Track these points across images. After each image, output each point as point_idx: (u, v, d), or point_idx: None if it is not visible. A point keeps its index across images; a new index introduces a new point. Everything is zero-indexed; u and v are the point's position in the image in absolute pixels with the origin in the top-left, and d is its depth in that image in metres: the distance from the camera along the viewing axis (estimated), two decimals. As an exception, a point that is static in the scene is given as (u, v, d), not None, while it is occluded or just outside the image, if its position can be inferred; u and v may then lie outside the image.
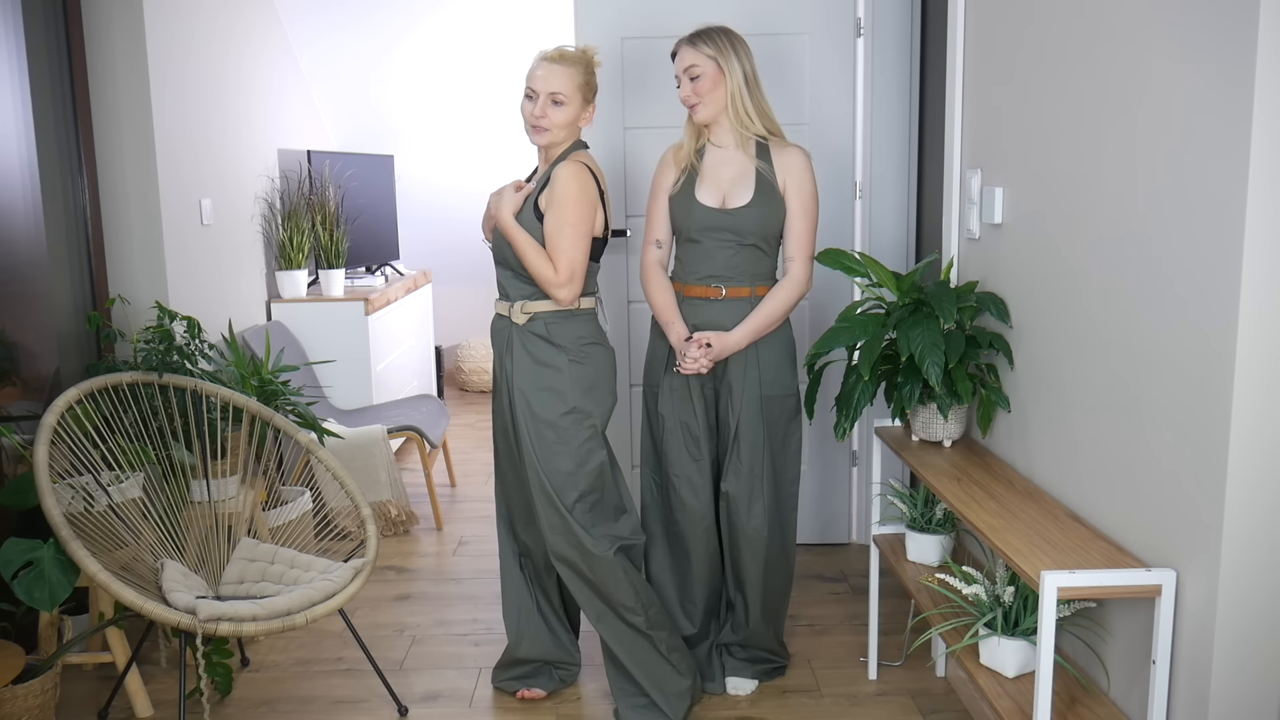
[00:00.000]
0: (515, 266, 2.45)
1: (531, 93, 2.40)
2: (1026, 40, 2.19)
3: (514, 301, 2.47)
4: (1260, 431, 1.52)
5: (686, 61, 2.49)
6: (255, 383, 3.11)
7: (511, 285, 2.48)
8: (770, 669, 2.78)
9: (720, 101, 2.50)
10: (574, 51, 2.43)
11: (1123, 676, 1.87)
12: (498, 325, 2.54)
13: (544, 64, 2.41)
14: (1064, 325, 2.06)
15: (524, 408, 2.45)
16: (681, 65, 2.50)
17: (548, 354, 2.45)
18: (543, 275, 2.39)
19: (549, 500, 2.44)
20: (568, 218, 2.37)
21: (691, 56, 2.49)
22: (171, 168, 3.47)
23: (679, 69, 2.51)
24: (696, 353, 2.47)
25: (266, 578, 2.67)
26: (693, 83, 2.49)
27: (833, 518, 3.71)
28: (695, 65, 2.48)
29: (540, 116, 2.40)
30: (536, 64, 2.42)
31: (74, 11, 3.18)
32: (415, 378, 5.28)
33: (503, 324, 2.51)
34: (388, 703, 2.71)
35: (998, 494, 2.12)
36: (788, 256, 2.56)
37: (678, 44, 2.53)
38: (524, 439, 2.45)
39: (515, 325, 2.46)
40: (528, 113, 2.42)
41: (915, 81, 3.45)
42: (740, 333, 2.50)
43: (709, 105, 2.50)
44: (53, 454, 2.46)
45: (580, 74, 2.42)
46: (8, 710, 2.30)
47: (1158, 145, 1.69)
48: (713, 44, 2.48)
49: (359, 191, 5.02)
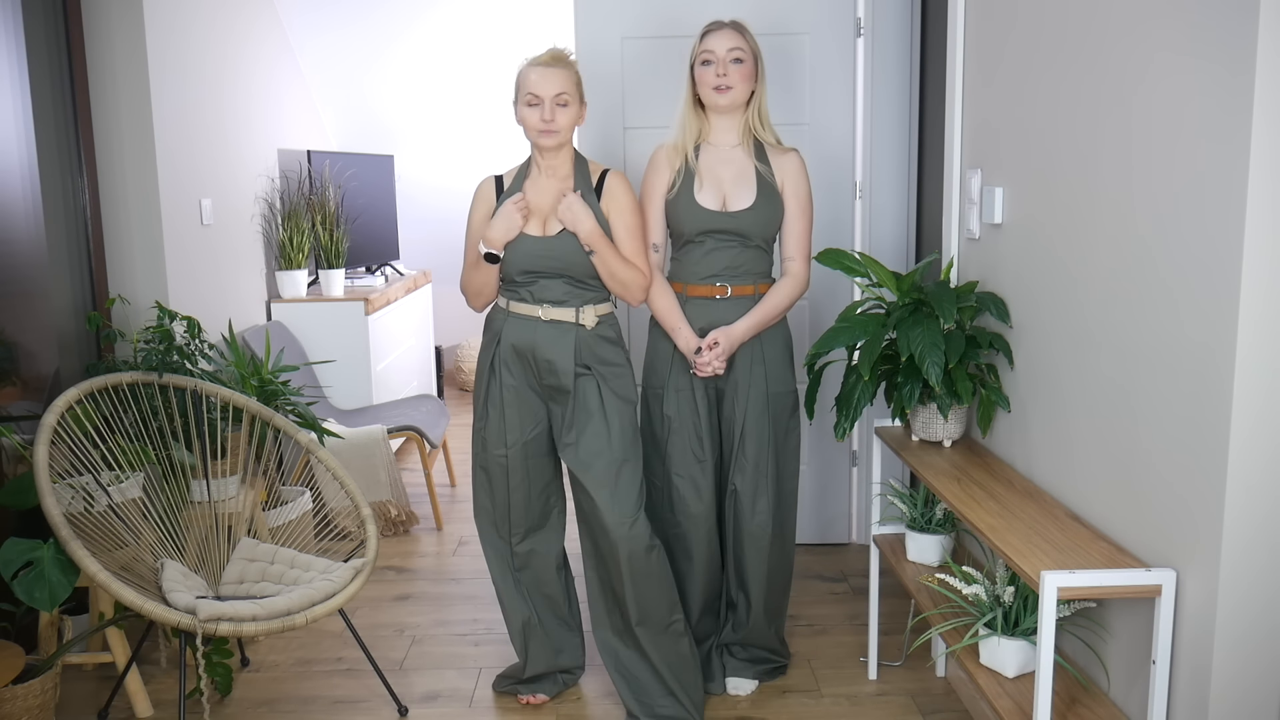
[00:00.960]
0: (580, 274, 2.45)
1: (534, 99, 2.38)
2: (1026, 40, 2.19)
3: (579, 306, 2.47)
4: (1260, 431, 1.52)
5: (730, 43, 2.45)
6: (255, 383, 3.11)
7: (571, 293, 2.46)
8: (771, 668, 2.78)
9: (745, 94, 2.49)
10: (562, 53, 2.45)
11: (1123, 676, 1.87)
12: (551, 335, 2.47)
13: (540, 69, 2.40)
14: (1064, 325, 2.06)
15: (620, 398, 2.51)
16: (724, 46, 2.44)
17: (615, 354, 2.52)
18: (634, 279, 2.47)
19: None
20: (636, 223, 2.49)
21: (736, 39, 2.45)
22: (171, 168, 3.47)
23: (718, 50, 2.44)
24: (709, 355, 2.48)
25: (266, 578, 2.67)
26: (736, 66, 2.45)
27: (833, 518, 3.71)
28: (740, 49, 2.45)
29: (550, 120, 2.39)
30: (531, 70, 2.40)
31: (74, 11, 3.18)
32: (415, 378, 5.28)
33: (558, 329, 2.46)
34: (388, 703, 2.71)
35: (998, 494, 2.12)
36: (787, 256, 2.57)
37: (712, 26, 2.48)
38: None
39: (583, 329, 2.47)
40: (535, 119, 2.39)
41: (915, 81, 3.45)
42: (744, 324, 2.51)
43: (739, 93, 2.47)
44: (53, 454, 2.46)
45: (574, 74, 2.44)
46: (8, 710, 2.30)
47: (1158, 145, 1.69)
48: (751, 36, 2.49)
49: (359, 191, 5.02)
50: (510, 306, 2.50)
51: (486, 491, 2.60)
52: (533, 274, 2.46)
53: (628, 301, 2.51)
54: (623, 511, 2.43)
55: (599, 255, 2.43)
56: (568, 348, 2.46)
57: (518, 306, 2.49)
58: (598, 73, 3.44)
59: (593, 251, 2.43)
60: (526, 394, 2.51)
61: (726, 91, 2.46)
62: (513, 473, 2.54)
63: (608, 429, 2.46)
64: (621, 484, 2.45)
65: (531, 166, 2.52)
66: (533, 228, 2.46)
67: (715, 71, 2.46)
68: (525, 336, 2.48)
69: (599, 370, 2.49)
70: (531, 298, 2.47)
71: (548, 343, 2.46)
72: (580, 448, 2.47)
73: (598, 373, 2.49)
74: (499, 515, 2.60)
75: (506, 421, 2.52)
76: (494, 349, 2.52)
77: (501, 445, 2.53)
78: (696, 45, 2.51)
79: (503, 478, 2.55)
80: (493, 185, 2.53)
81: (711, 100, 2.49)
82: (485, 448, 2.56)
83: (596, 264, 2.44)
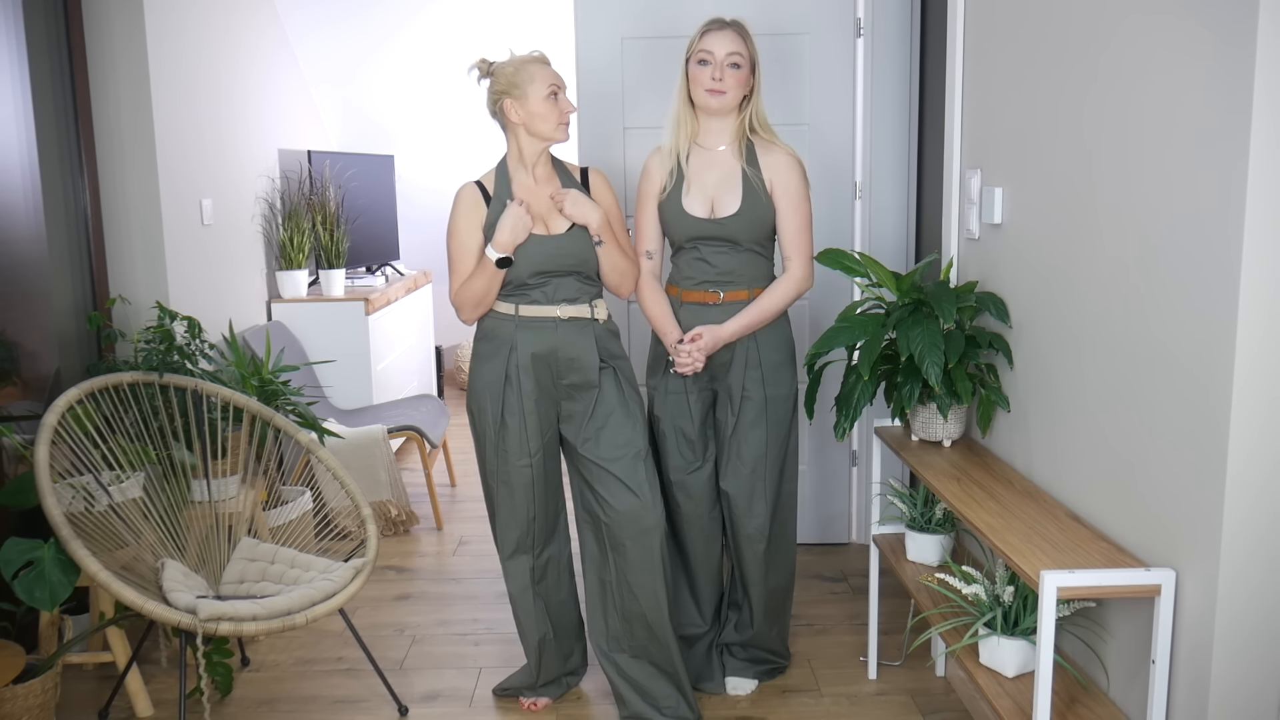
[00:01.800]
0: (589, 270, 2.48)
1: (555, 90, 2.40)
2: (1026, 40, 2.19)
3: (590, 302, 2.49)
4: (1260, 431, 1.52)
5: (730, 47, 2.42)
6: (255, 383, 3.11)
7: (582, 290, 2.48)
8: (770, 669, 2.78)
9: (738, 99, 2.46)
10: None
11: (1122, 676, 1.87)
12: (571, 333, 2.46)
13: (545, 66, 2.42)
14: (1064, 325, 2.06)
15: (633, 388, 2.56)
16: (723, 49, 2.41)
17: (620, 348, 2.57)
18: (632, 270, 2.54)
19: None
20: (621, 216, 2.56)
21: (736, 44, 2.42)
22: (171, 168, 3.47)
23: (716, 52, 2.41)
24: (688, 346, 2.47)
25: (267, 577, 2.67)
26: (733, 71, 2.42)
27: (833, 518, 3.71)
28: (739, 53, 2.42)
29: (568, 111, 2.43)
30: (540, 68, 2.40)
31: (74, 11, 3.18)
32: (415, 378, 5.28)
33: (577, 326, 2.47)
34: (388, 702, 2.71)
35: (998, 494, 2.12)
36: (785, 256, 2.55)
37: (711, 25, 2.44)
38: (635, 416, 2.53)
39: (597, 324, 2.50)
40: (557, 111, 2.40)
41: (915, 81, 3.45)
42: (733, 325, 2.49)
43: (731, 98, 2.45)
44: (53, 454, 2.46)
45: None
46: (8, 710, 2.30)
47: (1157, 145, 1.69)
48: (751, 41, 2.46)
49: (359, 191, 5.02)
50: (520, 311, 2.44)
51: (510, 507, 2.52)
52: (545, 274, 2.44)
53: (620, 293, 2.54)
54: (654, 498, 2.47)
55: (606, 246, 2.46)
56: (589, 343, 2.47)
57: (530, 310, 2.44)
58: (598, 73, 3.44)
59: (601, 243, 2.45)
60: (545, 399, 2.49)
61: (719, 96, 2.44)
62: (537, 481, 2.50)
63: (630, 421, 2.49)
64: (649, 473, 2.49)
65: (513, 170, 2.48)
66: (536, 229, 2.44)
67: (711, 74, 2.42)
68: (544, 340, 2.44)
69: (613, 364, 2.52)
70: (546, 298, 2.44)
71: (569, 342, 2.45)
72: (602, 441, 2.47)
73: (614, 366, 2.51)
74: (524, 529, 2.54)
75: (528, 429, 2.46)
76: (508, 358, 2.45)
77: (525, 454, 2.47)
78: (695, 41, 2.45)
79: (528, 488, 2.50)
80: (477, 191, 2.46)
81: (703, 101, 2.46)
82: (507, 460, 2.48)
83: (602, 255, 2.46)
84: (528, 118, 2.40)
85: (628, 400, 2.51)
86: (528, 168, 2.47)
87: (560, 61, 3.23)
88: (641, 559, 2.46)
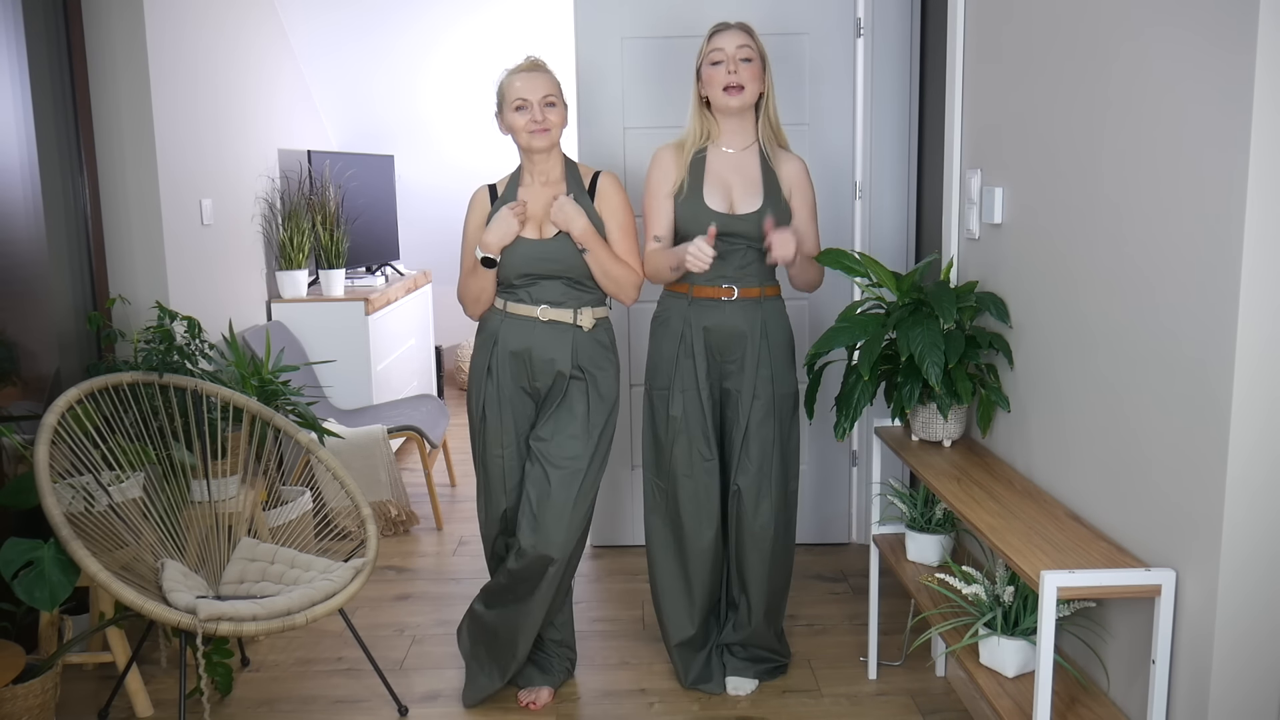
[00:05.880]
0: (578, 275, 2.50)
1: (523, 103, 2.44)
2: (1026, 40, 2.19)
3: (576, 308, 2.51)
4: (1260, 431, 1.52)
5: (738, 41, 2.46)
6: (255, 383, 3.11)
7: (568, 294, 2.51)
8: (771, 668, 2.78)
9: (755, 95, 2.50)
10: (539, 60, 2.52)
11: (1122, 676, 1.87)
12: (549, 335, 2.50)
13: (524, 75, 2.47)
14: (1064, 325, 2.06)
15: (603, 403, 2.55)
16: (733, 44, 2.46)
17: (606, 359, 2.57)
18: (627, 278, 2.52)
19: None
20: (629, 222, 2.55)
21: (744, 38, 2.47)
22: (171, 168, 3.47)
23: (727, 48, 2.46)
24: (702, 243, 2.38)
25: (266, 577, 2.67)
26: (746, 64, 2.45)
27: (833, 518, 3.71)
28: (748, 47, 2.47)
29: (542, 120, 2.45)
30: (515, 78, 2.47)
31: (74, 11, 3.18)
32: (415, 378, 5.28)
33: (557, 330, 2.50)
34: (388, 702, 2.71)
35: (998, 494, 2.12)
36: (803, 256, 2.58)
37: (719, 27, 2.50)
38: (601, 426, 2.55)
39: (580, 330, 2.51)
40: (525, 122, 2.45)
41: (915, 81, 3.45)
42: (802, 256, 2.52)
43: (749, 93, 2.48)
44: (53, 454, 2.46)
45: (555, 78, 2.51)
46: (8, 710, 2.30)
47: (1158, 145, 1.69)
48: (758, 38, 2.51)
49: (359, 191, 5.02)
50: (508, 307, 2.53)
51: (486, 494, 2.63)
52: (530, 276, 2.50)
53: (621, 300, 2.55)
54: (568, 526, 2.50)
55: (591, 254, 2.47)
56: (565, 348, 2.50)
57: (515, 307, 2.52)
58: (598, 73, 3.44)
59: (585, 250, 2.47)
60: (519, 396, 2.56)
61: (737, 92, 2.47)
62: (509, 474, 2.58)
63: (587, 435, 2.52)
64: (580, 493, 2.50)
65: (524, 174, 2.57)
66: (529, 231, 2.51)
67: (725, 69, 2.46)
68: (522, 338, 2.51)
69: (590, 373, 2.53)
70: (529, 298, 2.51)
71: (545, 343, 2.51)
72: (553, 445, 2.51)
73: (589, 375, 2.53)
74: (496, 523, 2.63)
75: (503, 423, 2.56)
76: (490, 351, 2.55)
77: (498, 445, 2.57)
78: (704, 47, 2.52)
79: (500, 479, 2.59)
80: (487, 193, 2.59)
81: (722, 102, 2.49)
82: (485, 448, 2.60)
83: (589, 262, 2.48)
84: (507, 129, 2.51)
85: (591, 416, 2.52)
86: (532, 172, 2.55)
87: (560, 61, 3.24)
88: (531, 587, 2.54)
